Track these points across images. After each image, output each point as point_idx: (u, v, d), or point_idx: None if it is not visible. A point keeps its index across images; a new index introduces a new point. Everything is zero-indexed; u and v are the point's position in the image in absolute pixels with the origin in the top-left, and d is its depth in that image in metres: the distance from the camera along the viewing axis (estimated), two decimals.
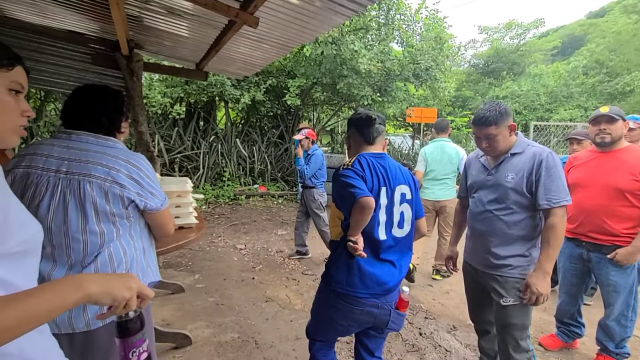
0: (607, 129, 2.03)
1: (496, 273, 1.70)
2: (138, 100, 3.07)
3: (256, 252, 4.36)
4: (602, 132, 2.05)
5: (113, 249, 1.07)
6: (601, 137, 2.06)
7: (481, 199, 1.75)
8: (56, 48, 2.89)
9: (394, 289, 1.47)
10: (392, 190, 1.44)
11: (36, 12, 2.56)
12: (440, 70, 8.24)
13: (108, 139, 1.13)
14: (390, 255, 1.45)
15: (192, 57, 3.45)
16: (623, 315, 2.08)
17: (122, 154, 1.10)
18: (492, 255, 1.70)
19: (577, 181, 2.18)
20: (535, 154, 1.60)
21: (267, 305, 3.00)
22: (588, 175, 2.14)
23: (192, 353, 2.30)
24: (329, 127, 10.62)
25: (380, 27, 7.51)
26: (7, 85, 0.69)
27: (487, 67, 18.99)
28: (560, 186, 1.54)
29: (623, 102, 14.33)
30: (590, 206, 2.09)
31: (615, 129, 2.02)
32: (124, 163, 1.08)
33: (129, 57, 2.93)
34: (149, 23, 2.59)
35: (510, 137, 1.66)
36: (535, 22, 18.35)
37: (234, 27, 2.30)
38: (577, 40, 27.27)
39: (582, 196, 2.12)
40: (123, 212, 1.08)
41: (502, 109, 1.61)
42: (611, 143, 2.05)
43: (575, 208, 2.12)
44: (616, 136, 2.03)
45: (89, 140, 1.09)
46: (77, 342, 1.04)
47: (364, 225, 1.31)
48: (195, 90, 7.06)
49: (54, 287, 0.59)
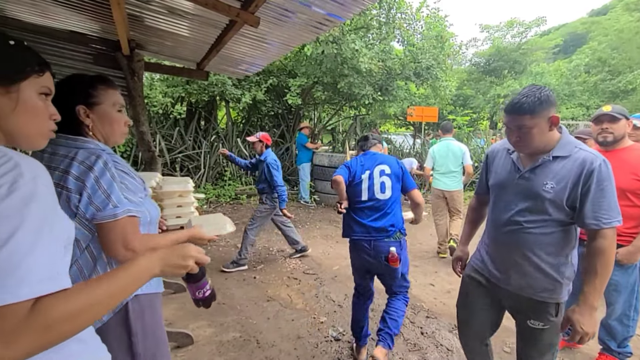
0: (610, 128, 2.02)
1: (522, 293, 1.45)
2: (139, 100, 3.08)
3: (257, 251, 4.36)
4: (605, 132, 2.04)
5: (82, 262, 0.99)
6: (603, 137, 2.05)
7: (509, 205, 1.46)
8: (58, 48, 2.89)
9: (377, 232, 2.11)
10: (371, 170, 2.19)
11: (38, 13, 2.57)
12: (441, 69, 8.22)
13: (76, 139, 1.03)
14: (372, 211, 2.15)
15: (193, 56, 3.45)
16: (625, 315, 2.07)
17: (82, 154, 0.98)
18: (519, 273, 1.44)
19: None
20: (586, 160, 1.29)
21: (268, 304, 3.01)
22: None
23: (194, 352, 2.31)
24: (330, 126, 10.62)
25: (381, 26, 7.50)
26: (38, 90, 0.71)
27: (489, 65, 18.94)
28: (612, 203, 1.29)
29: (625, 101, 14.29)
30: None
31: (618, 128, 2.01)
32: (78, 164, 0.97)
33: (130, 57, 2.93)
34: (150, 23, 2.59)
35: (551, 133, 1.35)
36: (537, 20, 18.28)
37: (234, 26, 2.30)
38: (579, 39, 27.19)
39: None
40: (76, 221, 0.96)
41: (542, 95, 1.29)
42: (613, 142, 2.04)
43: None
44: (619, 135, 2.02)
45: (60, 143, 1.02)
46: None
47: (341, 192, 2.18)
48: (196, 90, 7.07)
49: (129, 272, 0.68)
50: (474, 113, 17.52)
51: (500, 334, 2.60)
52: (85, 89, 1.07)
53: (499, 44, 18.64)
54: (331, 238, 4.99)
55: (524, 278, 1.43)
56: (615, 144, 2.05)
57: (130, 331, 1.05)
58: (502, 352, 2.41)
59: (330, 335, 2.55)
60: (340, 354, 2.35)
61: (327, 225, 5.65)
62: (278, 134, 8.65)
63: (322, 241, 4.85)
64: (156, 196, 2.20)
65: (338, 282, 3.47)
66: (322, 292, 3.23)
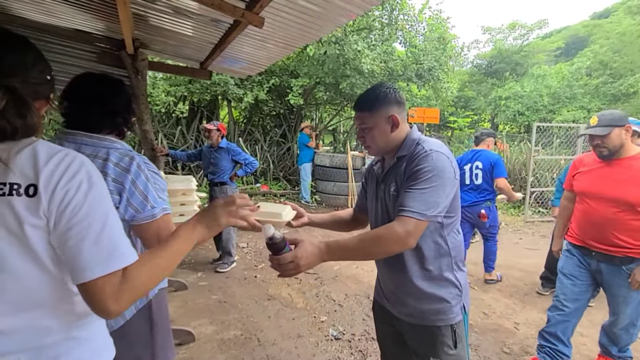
0: (602, 143, 1.85)
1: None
2: (142, 99, 3.10)
3: (258, 250, 4.38)
4: (598, 147, 1.87)
5: None
6: (599, 151, 1.91)
7: (377, 219, 1.32)
8: (62, 46, 2.91)
9: (470, 206, 3.39)
10: (471, 163, 3.44)
11: (43, 11, 2.59)
12: (443, 71, 8.25)
13: (104, 138, 1.03)
14: (469, 192, 3.42)
15: (196, 56, 3.46)
16: (632, 325, 2.00)
17: (114, 155, 0.99)
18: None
19: (582, 190, 2.02)
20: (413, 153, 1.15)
21: (269, 303, 3.02)
22: (594, 185, 1.96)
23: (195, 350, 2.33)
24: (331, 126, 10.64)
25: (383, 27, 7.52)
26: None
27: (490, 67, 18.97)
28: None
29: (627, 104, 14.29)
30: (597, 219, 1.92)
31: (611, 140, 1.83)
32: (113, 166, 0.98)
33: (134, 56, 2.94)
34: (154, 22, 2.61)
35: (395, 133, 1.19)
36: (538, 22, 18.33)
37: (239, 26, 2.31)
38: (581, 41, 27.16)
39: (589, 207, 1.96)
40: None
41: (381, 93, 1.17)
42: (611, 154, 1.86)
43: (583, 218, 2.00)
44: (614, 147, 1.84)
45: (83, 141, 1.00)
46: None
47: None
48: (199, 89, 7.09)
49: (184, 237, 0.79)
50: (475, 115, 17.54)
51: (500, 334, 2.62)
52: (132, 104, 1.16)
53: (500, 46, 18.67)
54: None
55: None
56: (615, 154, 1.86)
57: (152, 324, 1.11)
58: (502, 352, 2.42)
59: (330, 334, 2.57)
60: (340, 352, 2.36)
61: None
62: (280, 134, 8.67)
63: None
64: None
65: (338, 281, 3.48)
66: (322, 292, 3.25)
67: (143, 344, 1.10)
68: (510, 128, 17.55)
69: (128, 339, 1.05)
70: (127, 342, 1.05)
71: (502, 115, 16.14)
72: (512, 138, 12.39)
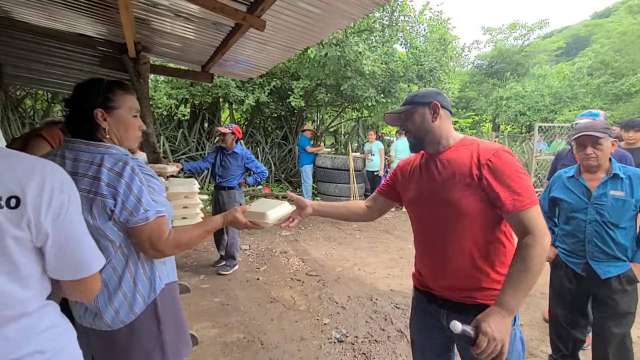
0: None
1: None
2: (144, 102, 3.11)
3: (260, 252, 4.38)
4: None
5: (115, 261, 1.04)
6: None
7: None
8: (65, 51, 2.94)
9: None
10: None
11: (46, 16, 2.60)
12: (444, 72, 8.24)
13: (98, 144, 1.05)
14: None
15: (198, 59, 3.48)
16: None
17: (108, 160, 1.01)
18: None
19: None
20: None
21: (272, 305, 3.02)
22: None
23: (199, 353, 2.32)
24: (332, 128, 10.64)
25: (384, 28, 7.53)
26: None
27: (491, 67, 18.94)
28: None
29: (628, 103, 14.24)
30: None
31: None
32: (107, 171, 0.99)
33: (136, 60, 2.96)
34: (156, 26, 2.62)
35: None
36: (539, 22, 18.31)
37: (240, 29, 2.32)
38: (582, 41, 27.12)
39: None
40: (111, 224, 1.01)
41: None
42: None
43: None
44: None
45: (81, 149, 1.03)
46: (102, 336, 1.07)
47: None
48: (200, 92, 7.11)
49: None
50: (477, 115, 17.52)
51: None
52: (105, 93, 1.08)
53: (501, 47, 18.65)
54: (334, 240, 5.00)
55: None
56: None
57: (159, 321, 1.11)
58: None
59: (333, 337, 2.56)
60: (343, 355, 2.36)
61: (329, 227, 5.66)
62: (281, 136, 8.68)
63: (324, 243, 4.86)
64: None
65: (341, 283, 3.48)
66: (325, 294, 3.24)
67: (152, 339, 1.11)
68: (512, 128, 17.52)
69: (138, 334, 1.08)
70: (137, 338, 1.08)
71: (503, 116, 16.11)
72: (513, 138, 12.35)
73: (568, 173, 1.93)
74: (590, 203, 1.79)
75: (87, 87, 1.08)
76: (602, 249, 1.78)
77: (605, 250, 1.77)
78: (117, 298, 1.04)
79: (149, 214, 1.01)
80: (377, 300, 3.12)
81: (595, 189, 1.78)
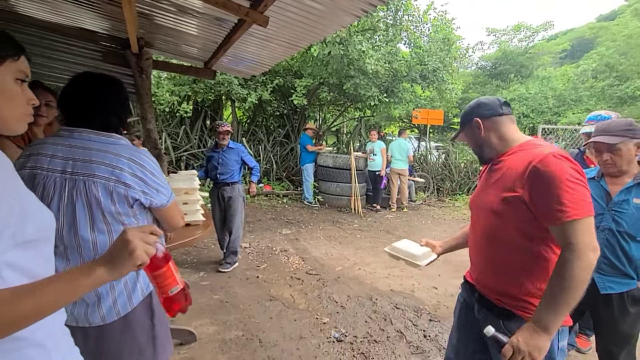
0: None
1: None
2: (147, 98, 3.10)
3: (261, 250, 4.37)
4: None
5: None
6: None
7: None
8: (67, 45, 2.93)
9: None
10: None
11: (49, 10, 2.60)
12: (447, 72, 8.20)
13: (110, 135, 1.09)
14: None
15: (200, 55, 3.46)
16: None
17: (125, 151, 1.07)
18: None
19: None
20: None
21: (271, 304, 3.01)
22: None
23: (197, 350, 2.32)
24: (334, 127, 10.62)
25: (388, 27, 7.50)
26: (14, 75, 0.70)
27: (495, 69, 18.85)
28: None
29: (633, 107, 14.16)
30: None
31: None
32: (126, 161, 1.05)
33: (138, 55, 2.95)
34: (159, 21, 2.61)
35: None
36: (544, 24, 18.17)
37: (243, 25, 2.30)
38: (587, 44, 26.95)
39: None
40: (129, 211, 1.07)
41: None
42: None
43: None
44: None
45: (91, 138, 1.06)
46: (92, 335, 1.06)
47: None
48: (203, 89, 7.11)
49: (66, 276, 0.64)
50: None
51: None
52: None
53: (505, 48, 18.54)
54: (334, 239, 4.98)
55: None
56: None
57: (153, 315, 1.14)
58: None
59: (332, 336, 2.55)
60: (342, 354, 2.35)
61: (330, 226, 5.65)
62: (283, 134, 8.67)
63: (325, 242, 4.85)
64: None
65: (341, 283, 3.46)
66: (324, 293, 3.23)
67: (145, 333, 1.13)
68: None
69: (132, 328, 1.10)
70: (131, 331, 1.10)
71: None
72: None
73: (589, 174, 1.74)
74: (608, 209, 1.63)
75: (117, 88, 1.15)
76: (611, 262, 1.62)
77: (614, 264, 1.61)
78: (118, 285, 1.07)
79: (170, 197, 1.19)
80: (376, 300, 3.10)
81: (616, 195, 1.61)
